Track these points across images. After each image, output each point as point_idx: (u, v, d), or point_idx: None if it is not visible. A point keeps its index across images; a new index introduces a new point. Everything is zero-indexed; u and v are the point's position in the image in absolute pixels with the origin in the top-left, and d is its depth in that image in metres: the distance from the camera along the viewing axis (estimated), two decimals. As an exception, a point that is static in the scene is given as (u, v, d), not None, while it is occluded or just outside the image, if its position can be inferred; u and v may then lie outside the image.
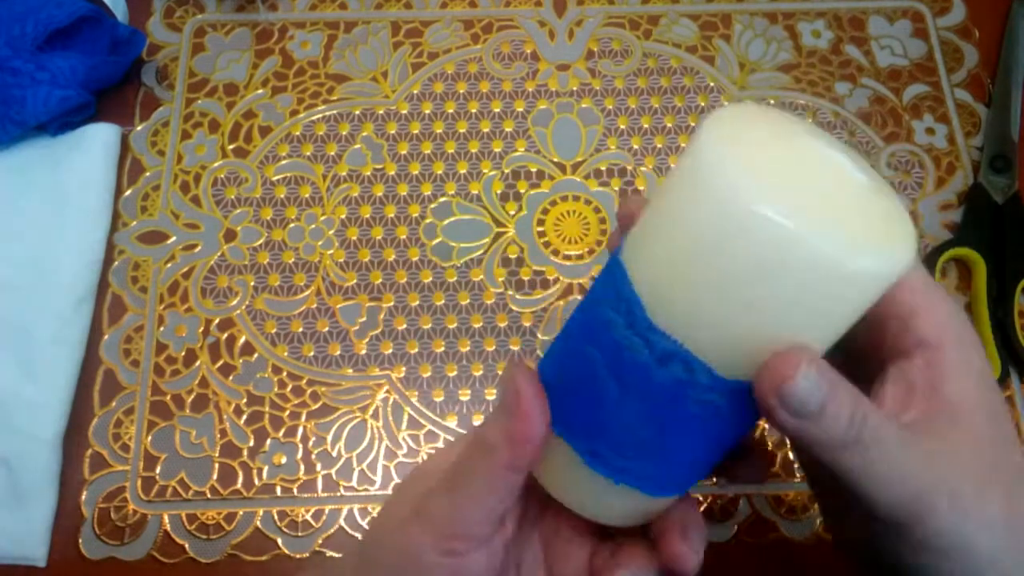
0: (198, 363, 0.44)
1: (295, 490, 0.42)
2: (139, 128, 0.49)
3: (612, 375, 0.24)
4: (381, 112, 0.50)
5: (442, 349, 0.44)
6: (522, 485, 0.26)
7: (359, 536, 0.41)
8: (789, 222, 0.20)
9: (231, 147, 0.49)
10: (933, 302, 0.26)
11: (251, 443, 0.42)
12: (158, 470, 0.42)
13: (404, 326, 0.45)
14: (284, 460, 0.42)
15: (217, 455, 0.42)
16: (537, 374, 0.26)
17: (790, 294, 0.21)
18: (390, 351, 0.44)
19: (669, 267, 0.23)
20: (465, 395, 0.44)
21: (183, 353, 0.44)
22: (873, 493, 0.23)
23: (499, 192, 0.48)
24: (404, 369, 0.44)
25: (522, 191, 0.48)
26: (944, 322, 0.26)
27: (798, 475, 0.42)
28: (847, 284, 0.22)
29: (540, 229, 0.47)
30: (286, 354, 0.44)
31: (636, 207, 0.26)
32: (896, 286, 0.23)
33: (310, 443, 0.42)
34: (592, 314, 0.25)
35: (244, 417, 0.43)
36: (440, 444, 0.43)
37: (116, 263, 0.46)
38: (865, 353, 0.27)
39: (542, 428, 0.25)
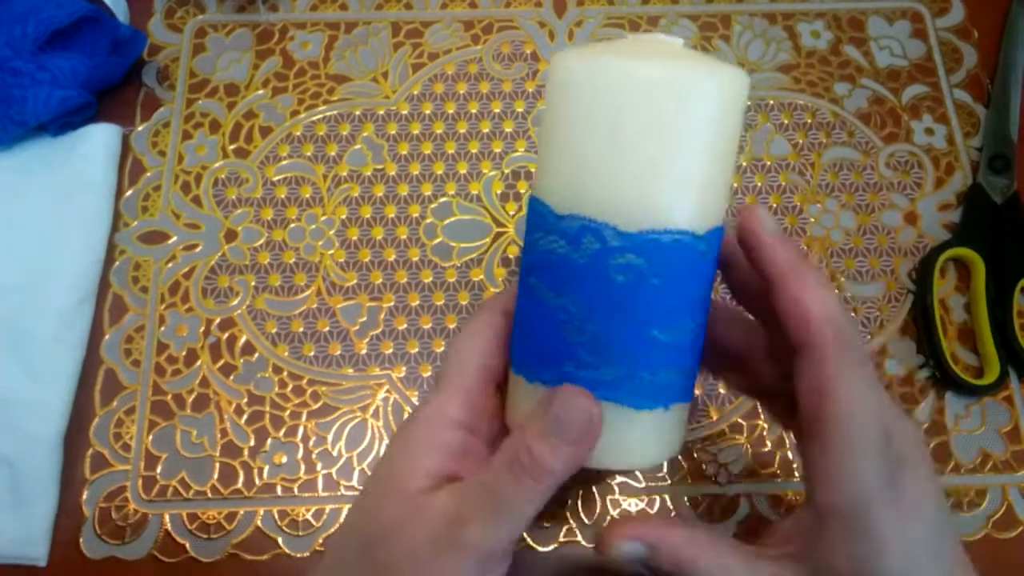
0: (199, 363, 0.44)
1: (296, 490, 0.42)
2: (140, 128, 0.49)
3: (547, 286, 0.26)
4: (381, 112, 0.50)
5: (442, 349, 0.45)
6: None
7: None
8: (632, 68, 0.24)
9: (232, 147, 0.49)
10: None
11: (252, 443, 0.42)
12: (159, 470, 0.42)
13: (404, 326, 0.45)
14: (285, 460, 0.42)
15: (218, 455, 0.42)
16: (579, 388, 0.26)
17: (652, 128, 0.24)
18: (390, 351, 0.44)
19: (558, 161, 0.26)
20: (465, 395, 0.44)
21: (184, 353, 0.44)
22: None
23: (499, 192, 0.48)
24: (404, 369, 0.44)
25: (522, 191, 0.48)
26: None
27: (797, 475, 0.42)
28: (700, 107, 0.24)
29: (540, 229, 0.47)
30: (287, 354, 0.44)
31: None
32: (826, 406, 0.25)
33: (311, 443, 0.43)
34: (525, 250, 0.28)
35: (245, 417, 0.43)
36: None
37: (117, 263, 0.46)
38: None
39: (598, 436, 0.26)
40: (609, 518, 0.41)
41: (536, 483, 0.25)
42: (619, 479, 0.41)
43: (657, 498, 0.41)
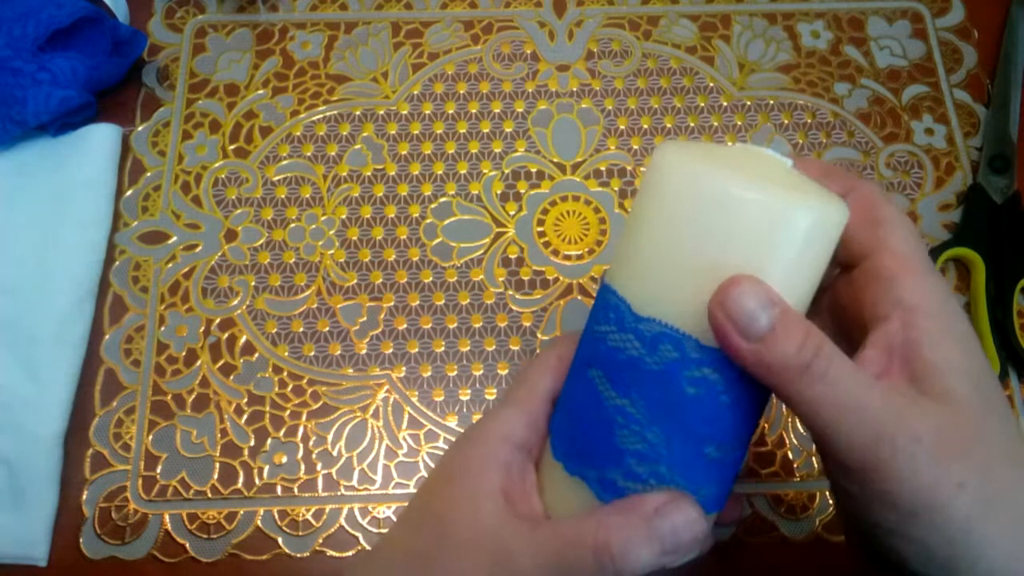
0: (199, 363, 0.44)
1: (296, 489, 0.42)
2: (140, 128, 0.49)
3: (611, 383, 0.26)
4: (381, 112, 0.50)
5: (442, 349, 0.45)
6: None
7: (361, 538, 0.41)
8: (740, 189, 0.24)
9: (232, 147, 0.49)
10: (915, 267, 0.26)
11: (252, 443, 0.42)
12: (159, 470, 0.42)
13: (404, 326, 0.45)
14: (285, 459, 0.42)
15: (218, 455, 0.42)
16: (694, 501, 0.26)
17: (751, 253, 0.24)
18: (390, 351, 0.44)
19: (644, 260, 0.25)
20: (465, 395, 0.44)
21: (184, 353, 0.44)
22: (829, 430, 0.23)
23: (499, 192, 0.48)
24: (404, 369, 0.44)
25: (522, 191, 0.48)
26: (924, 286, 0.25)
27: (798, 475, 0.42)
28: (798, 235, 0.24)
29: (540, 229, 0.47)
30: (287, 354, 0.44)
31: None
32: (881, 252, 0.25)
33: (311, 443, 0.43)
34: (586, 340, 0.27)
35: (245, 417, 0.43)
36: (440, 443, 0.43)
37: (117, 263, 0.46)
38: (853, 322, 0.27)
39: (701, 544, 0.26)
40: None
41: (613, 566, 0.25)
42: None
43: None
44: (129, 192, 0.48)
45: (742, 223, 0.23)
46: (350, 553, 0.41)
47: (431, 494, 0.30)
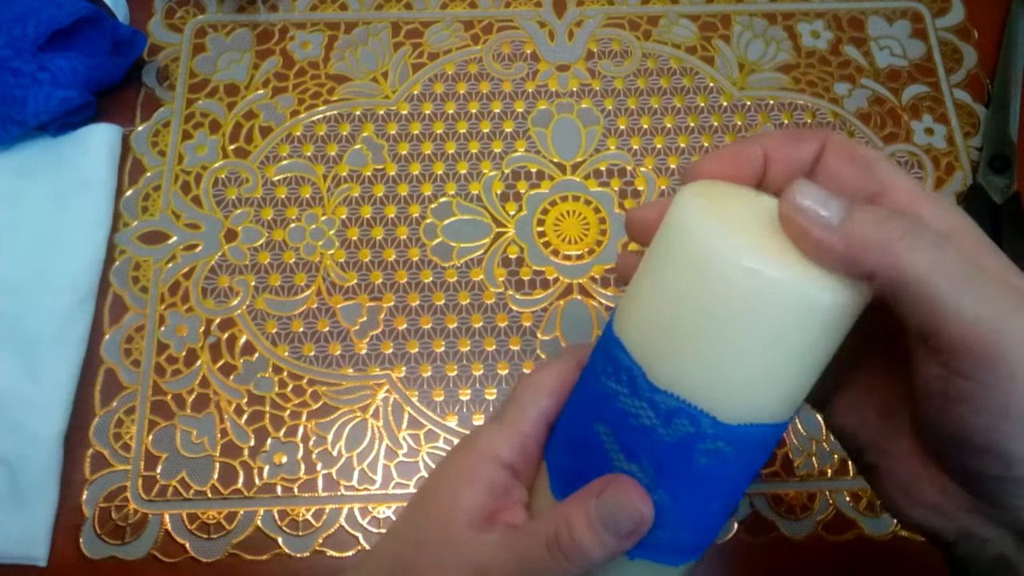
0: (199, 363, 0.44)
1: (296, 489, 0.42)
2: (140, 128, 0.49)
3: (620, 445, 0.26)
4: (381, 112, 0.50)
5: (442, 349, 0.45)
6: None
7: (361, 538, 0.41)
8: (767, 269, 0.22)
9: (232, 147, 0.49)
10: (927, 196, 0.24)
11: (252, 443, 0.42)
12: (159, 470, 0.42)
13: (404, 326, 0.45)
14: (285, 460, 0.42)
15: (218, 455, 0.42)
16: (638, 485, 0.25)
17: (775, 334, 0.23)
18: (390, 351, 0.44)
19: (663, 328, 0.24)
20: (465, 395, 0.44)
21: (184, 353, 0.44)
22: (946, 306, 0.20)
23: (499, 192, 0.48)
24: (404, 369, 0.44)
25: (522, 191, 0.48)
26: (947, 213, 0.24)
27: (797, 475, 0.42)
28: (822, 318, 0.23)
29: (540, 229, 0.47)
30: (287, 354, 0.44)
31: (628, 268, 0.27)
32: (890, 191, 0.24)
33: (311, 443, 0.43)
34: (594, 389, 0.27)
35: (245, 417, 0.43)
36: (440, 444, 0.43)
37: (117, 263, 0.46)
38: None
39: (649, 525, 0.25)
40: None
41: (571, 566, 0.25)
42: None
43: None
44: (129, 192, 0.48)
45: (766, 303, 0.23)
46: (350, 553, 0.41)
47: (414, 507, 0.30)
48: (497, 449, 0.28)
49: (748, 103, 0.51)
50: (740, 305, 0.23)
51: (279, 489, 0.42)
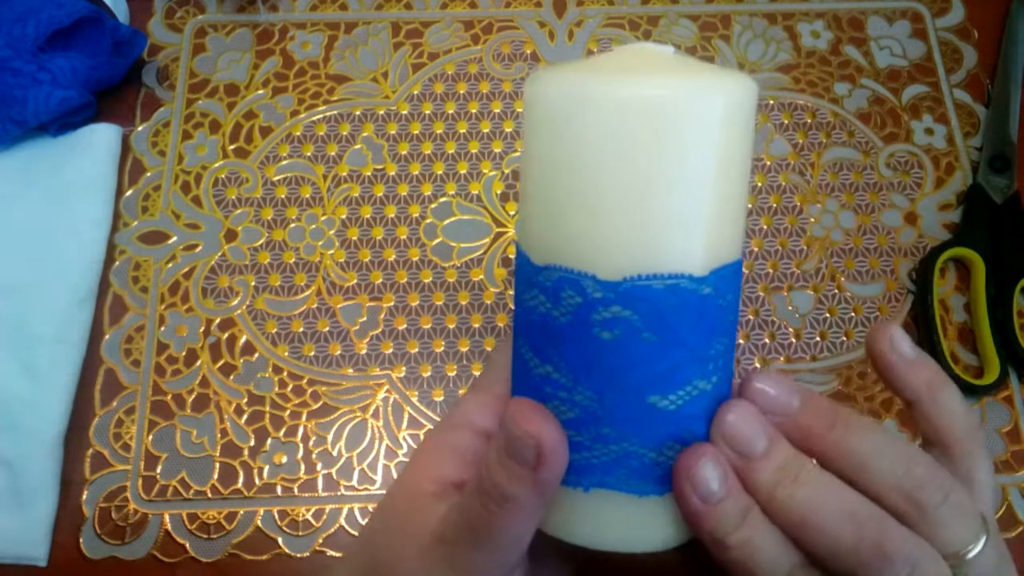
0: (199, 363, 0.44)
1: (296, 489, 0.42)
2: (140, 128, 0.49)
3: (532, 350, 0.23)
4: (381, 112, 0.50)
5: (442, 349, 0.45)
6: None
7: (356, 539, 0.41)
8: (596, 79, 0.21)
9: (232, 147, 0.49)
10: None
11: (252, 443, 0.42)
12: (159, 470, 0.42)
13: (404, 326, 0.45)
14: (285, 460, 0.42)
15: (218, 455, 0.42)
16: (541, 406, 0.23)
17: (622, 152, 0.21)
18: (390, 351, 0.44)
19: (533, 203, 0.22)
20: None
21: (184, 353, 0.44)
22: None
23: (499, 192, 0.48)
24: (404, 369, 0.44)
25: (522, 191, 0.48)
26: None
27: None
28: (675, 118, 0.20)
29: (540, 229, 0.47)
30: (287, 354, 0.44)
31: None
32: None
33: (311, 443, 0.43)
34: (515, 310, 0.24)
35: (245, 417, 0.43)
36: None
37: (117, 263, 0.46)
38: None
39: (564, 460, 0.22)
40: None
41: (502, 511, 0.22)
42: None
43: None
44: (129, 192, 0.48)
45: (630, 127, 0.20)
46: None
47: (391, 485, 0.29)
48: (468, 416, 0.27)
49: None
50: (587, 134, 0.21)
51: (279, 489, 0.42)
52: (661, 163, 0.20)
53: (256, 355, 0.44)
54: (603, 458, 0.22)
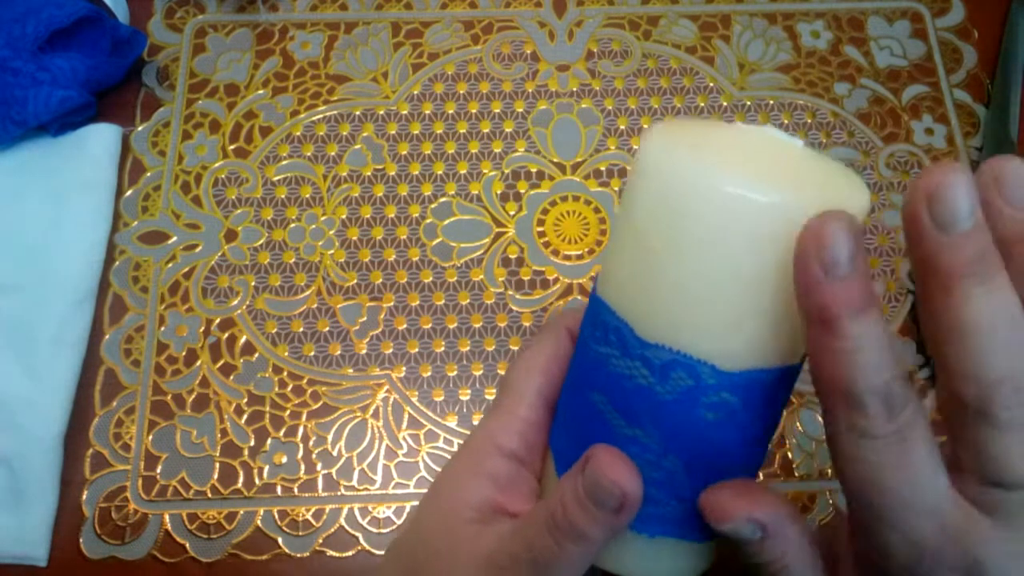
0: (199, 363, 0.44)
1: (296, 489, 0.42)
2: (140, 128, 0.49)
3: (619, 412, 0.23)
4: (381, 112, 0.50)
5: (442, 349, 0.45)
6: None
7: (361, 538, 0.41)
8: (751, 192, 0.20)
9: (232, 147, 0.49)
10: None
11: (252, 443, 0.42)
12: (159, 470, 0.42)
13: (404, 326, 0.45)
14: (285, 460, 0.42)
15: (218, 455, 0.42)
16: (626, 458, 0.23)
17: (766, 263, 0.21)
18: (390, 351, 0.44)
19: (643, 275, 0.22)
20: (465, 395, 0.44)
21: (184, 353, 0.44)
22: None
23: (499, 192, 0.48)
24: (404, 369, 0.44)
25: (522, 191, 0.48)
26: None
27: (797, 475, 0.42)
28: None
29: (540, 229, 0.47)
30: (287, 354, 0.44)
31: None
32: None
33: (311, 443, 0.43)
34: (586, 359, 0.25)
35: (245, 417, 0.43)
36: (440, 444, 0.43)
37: (117, 263, 0.46)
38: None
39: (639, 508, 0.23)
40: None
41: (573, 546, 0.23)
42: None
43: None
44: (129, 192, 0.48)
45: (757, 231, 0.20)
46: (350, 553, 0.41)
47: (421, 508, 0.29)
48: (496, 438, 0.27)
49: (748, 103, 0.51)
50: (723, 236, 0.21)
51: (279, 489, 0.42)
52: (779, 269, 0.21)
53: (256, 355, 0.44)
54: (676, 513, 0.24)
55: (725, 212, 0.20)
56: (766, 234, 0.20)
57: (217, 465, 0.42)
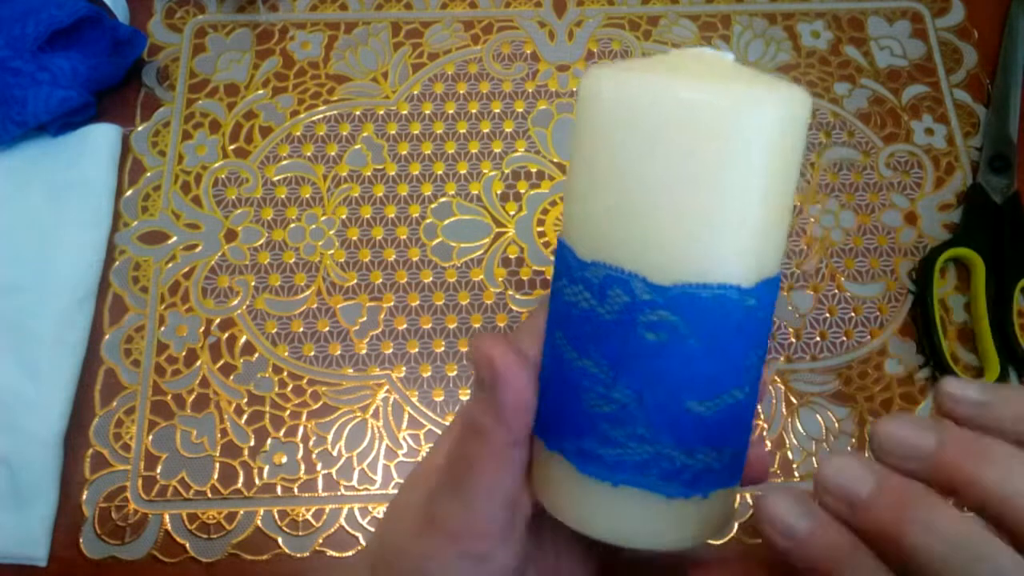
0: (199, 363, 0.44)
1: (296, 489, 0.42)
2: (140, 128, 0.49)
3: (571, 344, 0.23)
4: (381, 112, 0.50)
5: (442, 349, 0.45)
6: (527, 460, 0.24)
7: (361, 538, 0.41)
8: (661, 79, 0.21)
9: (232, 147, 0.49)
10: None
11: (252, 443, 0.42)
12: (159, 470, 0.42)
13: (404, 326, 0.45)
14: (285, 460, 0.42)
15: (218, 455, 0.42)
16: (503, 335, 0.23)
17: (683, 156, 0.20)
18: (390, 351, 0.44)
19: (583, 198, 0.22)
20: (465, 395, 0.44)
21: (184, 353, 0.44)
22: None
23: (499, 192, 0.48)
24: (404, 369, 0.44)
25: (522, 191, 0.48)
26: None
27: (797, 475, 0.42)
28: (740, 126, 0.20)
29: (540, 229, 0.47)
30: (287, 354, 0.44)
31: None
32: None
33: (311, 443, 0.43)
34: (551, 302, 0.25)
35: (245, 417, 0.43)
36: (440, 444, 0.43)
37: (117, 263, 0.46)
38: None
39: (530, 387, 0.23)
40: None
41: (478, 446, 0.22)
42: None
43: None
44: (129, 192, 0.48)
45: (693, 131, 0.20)
46: (350, 553, 0.41)
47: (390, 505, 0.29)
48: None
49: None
50: (652, 137, 0.21)
51: (279, 489, 0.42)
52: (719, 171, 0.21)
53: (256, 355, 0.44)
54: (635, 456, 0.23)
55: (655, 113, 0.21)
56: (701, 132, 0.20)
57: (217, 465, 0.42)
